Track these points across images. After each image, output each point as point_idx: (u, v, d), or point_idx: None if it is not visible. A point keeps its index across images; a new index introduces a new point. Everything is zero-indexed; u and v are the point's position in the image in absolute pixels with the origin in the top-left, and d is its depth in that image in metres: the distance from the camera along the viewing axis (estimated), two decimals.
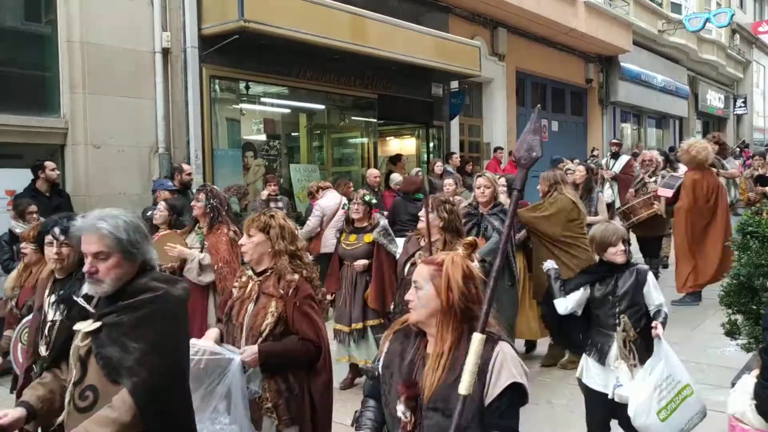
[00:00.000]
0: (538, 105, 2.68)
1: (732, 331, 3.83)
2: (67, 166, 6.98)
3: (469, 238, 3.83)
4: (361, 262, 5.21)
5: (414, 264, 3.83)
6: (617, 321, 3.52)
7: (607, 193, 9.57)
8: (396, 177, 9.29)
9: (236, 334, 3.03)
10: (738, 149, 18.53)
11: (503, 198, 5.30)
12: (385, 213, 7.39)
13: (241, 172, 8.68)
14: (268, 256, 3.07)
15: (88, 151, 6.97)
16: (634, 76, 18.17)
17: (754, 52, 27.96)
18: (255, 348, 2.91)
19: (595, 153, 15.02)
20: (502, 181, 5.94)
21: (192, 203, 5.06)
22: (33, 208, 5.84)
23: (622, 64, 17.49)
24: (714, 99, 24.99)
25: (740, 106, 27.15)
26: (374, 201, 5.54)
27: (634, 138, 20.58)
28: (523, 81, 15.16)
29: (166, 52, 7.55)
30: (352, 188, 8.75)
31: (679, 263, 7.60)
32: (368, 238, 5.26)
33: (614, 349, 3.52)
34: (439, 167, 10.35)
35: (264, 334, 2.95)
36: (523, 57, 14.40)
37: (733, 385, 3.25)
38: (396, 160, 10.53)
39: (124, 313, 2.20)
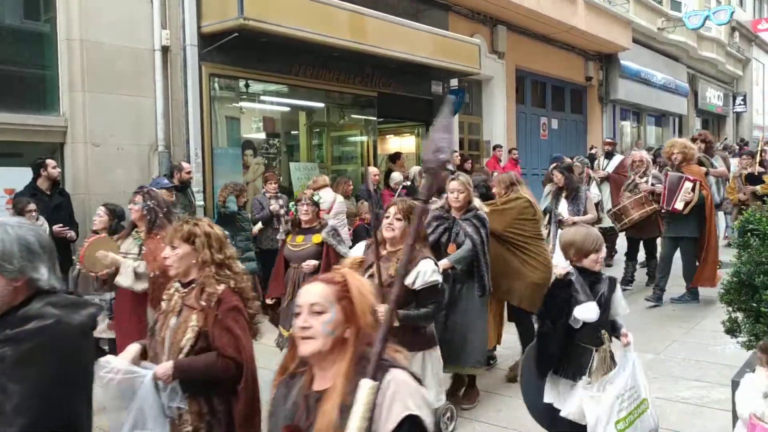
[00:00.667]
0: (449, 96, 2.39)
1: (732, 329, 3.83)
2: (67, 164, 6.97)
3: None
4: (312, 263, 5.01)
5: (371, 276, 3.50)
6: (600, 334, 3.27)
7: (594, 192, 9.14)
8: (396, 176, 9.29)
9: (158, 349, 2.83)
10: (737, 147, 18.52)
11: (477, 203, 4.96)
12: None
13: (241, 171, 8.68)
14: (195, 267, 2.87)
15: (87, 150, 6.96)
16: (634, 74, 18.17)
17: (754, 50, 27.95)
18: (169, 364, 2.69)
19: (593, 151, 14.99)
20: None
21: (129, 206, 4.85)
22: (32, 206, 5.84)
23: (621, 61, 17.49)
24: (713, 97, 24.99)
25: (740, 104, 27.15)
26: (322, 201, 5.42)
27: (633, 136, 20.58)
28: (523, 79, 15.15)
29: (165, 50, 7.54)
30: (352, 187, 8.75)
31: (713, 256, 7.33)
32: (317, 238, 5.08)
33: (594, 365, 3.23)
34: None
35: (184, 350, 2.73)
36: (522, 55, 14.39)
37: (733, 383, 3.24)
38: (395, 158, 10.53)
39: (7, 345, 1.84)
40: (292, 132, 10.26)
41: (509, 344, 5.75)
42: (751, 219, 3.63)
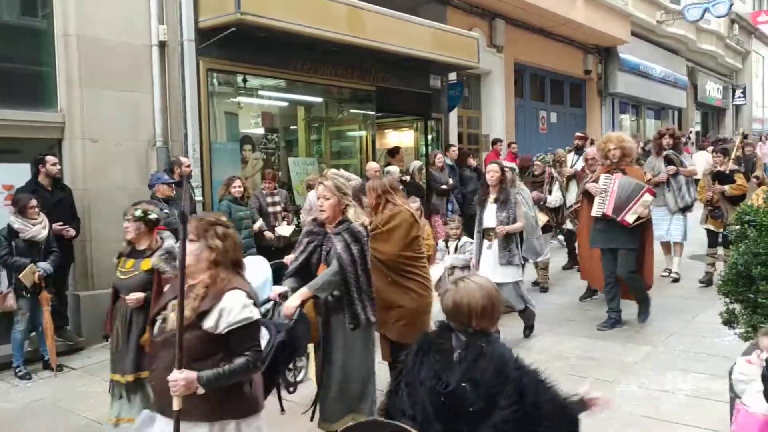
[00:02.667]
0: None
1: (730, 320, 3.84)
2: (65, 160, 6.96)
3: None
4: (135, 296, 4.13)
5: (165, 320, 2.79)
6: None
7: (555, 196, 8.48)
8: (393, 170, 9.28)
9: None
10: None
11: (351, 213, 3.96)
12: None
13: (240, 166, 8.67)
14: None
15: (85, 146, 6.95)
16: (633, 67, 18.14)
17: (753, 42, 27.89)
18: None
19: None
20: (353, 183, 4.22)
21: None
22: (33, 203, 5.84)
23: (620, 55, 17.46)
24: (713, 89, 24.96)
25: (739, 97, 27.12)
26: (155, 217, 4.34)
27: (633, 129, 20.56)
28: (522, 72, 15.14)
29: (162, 45, 7.52)
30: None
31: (649, 264, 6.73)
32: (146, 264, 4.17)
33: None
34: (439, 159, 10.35)
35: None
36: (521, 48, 14.37)
37: (731, 374, 3.26)
38: (394, 152, 10.53)
39: None
40: (291, 127, 10.25)
41: None
42: (748, 210, 3.63)
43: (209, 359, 2.64)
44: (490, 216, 6.05)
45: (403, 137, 12.51)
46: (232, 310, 2.67)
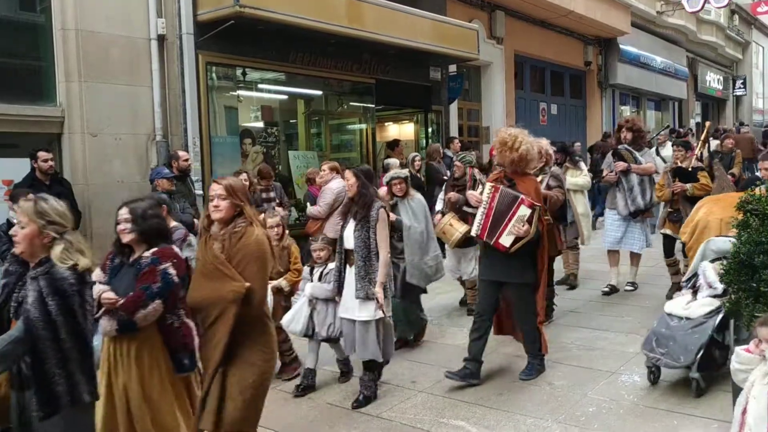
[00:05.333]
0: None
1: (732, 310, 3.83)
2: (65, 155, 6.96)
3: None
4: None
5: None
6: None
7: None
8: (392, 162, 9.25)
9: None
10: (736, 131, 18.45)
11: (57, 252, 2.84)
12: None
13: (240, 159, 8.66)
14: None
15: (85, 140, 6.94)
16: (633, 58, 18.09)
17: (754, 33, 27.81)
18: None
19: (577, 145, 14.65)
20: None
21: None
22: (30, 197, 5.81)
23: (621, 46, 17.41)
24: (713, 80, 24.90)
25: (739, 88, 27.06)
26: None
27: None
28: (522, 64, 15.10)
29: (161, 38, 7.50)
30: None
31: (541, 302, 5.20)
32: None
33: None
34: (436, 149, 10.31)
35: None
36: (521, 40, 14.33)
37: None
38: (394, 145, 10.51)
39: None
40: (291, 120, 10.23)
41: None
42: (750, 199, 3.62)
43: None
44: (350, 235, 4.68)
45: (403, 130, 12.50)
46: None
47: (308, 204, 7.91)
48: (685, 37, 20.90)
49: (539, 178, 6.08)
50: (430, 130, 11.78)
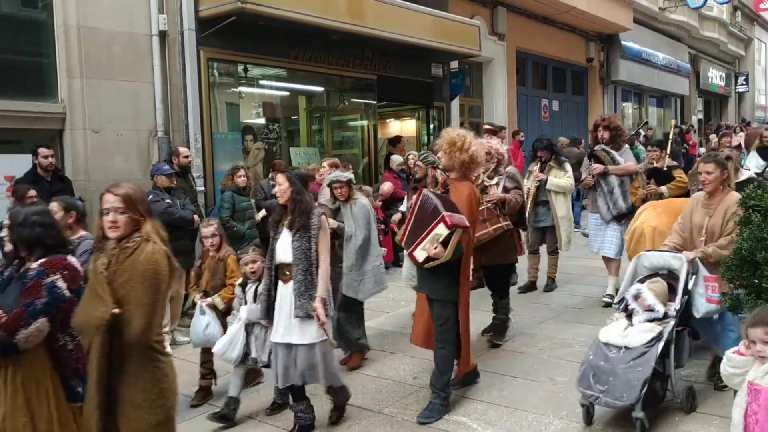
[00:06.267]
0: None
1: (734, 306, 3.82)
2: (66, 151, 6.96)
3: None
4: None
5: None
6: None
7: None
8: (396, 158, 9.27)
9: None
10: (739, 127, 18.42)
11: None
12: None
13: (241, 156, 8.66)
14: None
15: (87, 136, 6.95)
16: (635, 55, 18.07)
17: (756, 29, 27.75)
18: None
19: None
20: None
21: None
22: (32, 192, 5.81)
23: (623, 42, 17.39)
24: (715, 77, 24.86)
25: (742, 84, 27.02)
26: None
27: (635, 117, 20.49)
28: (524, 61, 15.08)
29: (163, 35, 7.50)
30: (351, 170, 8.74)
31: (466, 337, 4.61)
32: None
33: None
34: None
35: None
36: (523, 36, 14.31)
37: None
38: (395, 141, 10.51)
39: None
40: (292, 117, 10.23)
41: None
42: (752, 195, 3.61)
43: None
44: (284, 247, 4.13)
45: (404, 126, 12.50)
46: None
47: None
48: (687, 33, 20.86)
49: (494, 180, 5.69)
50: (431, 126, 11.78)
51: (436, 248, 4.09)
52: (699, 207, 4.53)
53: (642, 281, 4.30)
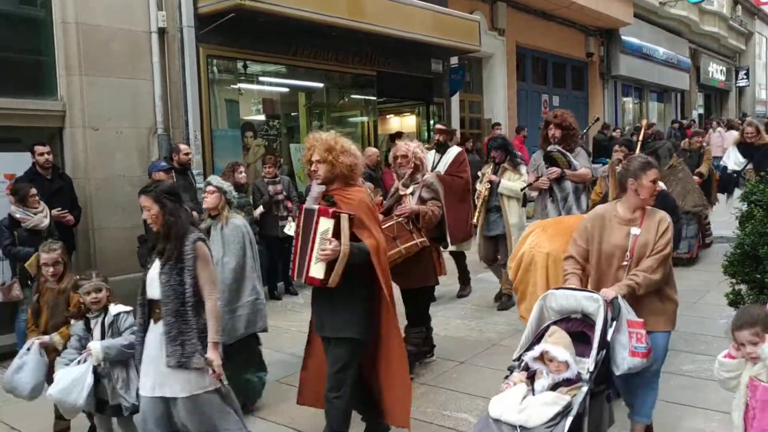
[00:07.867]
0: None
1: (736, 301, 3.82)
2: (66, 149, 6.94)
3: None
4: None
5: None
6: None
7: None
8: None
9: None
10: (716, 122, 18.41)
11: None
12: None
13: (241, 153, 8.65)
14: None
15: (86, 134, 6.93)
16: (636, 49, 18.04)
17: (756, 24, 27.70)
18: None
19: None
20: None
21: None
22: (33, 191, 5.81)
23: (623, 37, 17.35)
24: (716, 71, 24.84)
25: (742, 78, 27.00)
26: None
27: (635, 112, 20.47)
28: (524, 56, 15.06)
29: (162, 31, 7.47)
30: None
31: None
32: None
33: None
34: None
35: None
36: (523, 31, 14.29)
37: None
38: (396, 137, 10.49)
39: None
40: (292, 113, 10.21)
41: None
42: (754, 190, 3.60)
43: None
44: (152, 279, 3.40)
45: (404, 122, 12.49)
46: None
47: (308, 199, 7.89)
48: (687, 27, 20.82)
49: (409, 189, 4.96)
50: (431, 122, 11.76)
51: (330, 245, 3.35)
52: (614, 224, 3.47)
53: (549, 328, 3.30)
